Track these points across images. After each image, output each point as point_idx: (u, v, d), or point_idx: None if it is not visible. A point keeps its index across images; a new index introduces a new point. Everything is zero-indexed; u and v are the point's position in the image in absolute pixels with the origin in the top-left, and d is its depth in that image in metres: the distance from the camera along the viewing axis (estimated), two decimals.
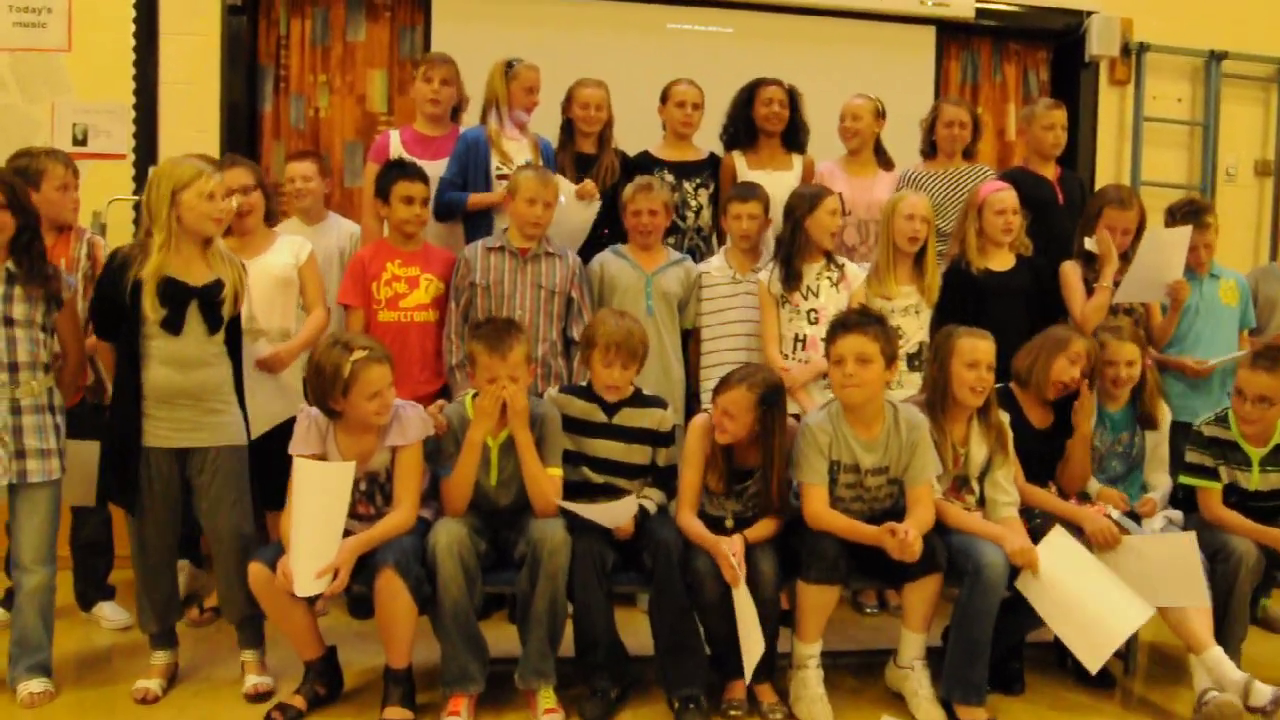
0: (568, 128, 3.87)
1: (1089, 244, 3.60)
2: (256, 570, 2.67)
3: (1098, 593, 2.77)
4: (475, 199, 3.64)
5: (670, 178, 3.81)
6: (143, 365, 2.75)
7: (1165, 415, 3.30)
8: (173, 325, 2.73)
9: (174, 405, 2.77)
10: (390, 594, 2.64)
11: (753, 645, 2.68)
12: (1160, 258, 3.51)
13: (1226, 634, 2.88)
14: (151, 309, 2.70)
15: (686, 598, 2.75)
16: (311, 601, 2.75)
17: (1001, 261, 3.59)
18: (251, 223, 3.35)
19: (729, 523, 2.90)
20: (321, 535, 2.63)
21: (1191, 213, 3.76)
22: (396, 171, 3.44)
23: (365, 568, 2.68)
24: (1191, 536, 2.86)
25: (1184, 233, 3.58)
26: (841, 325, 2.84)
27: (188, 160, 2.83)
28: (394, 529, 2.75)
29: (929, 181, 3.96)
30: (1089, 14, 5.01)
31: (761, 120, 3.87)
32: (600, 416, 2.96)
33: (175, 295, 2.73)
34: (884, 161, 4.04)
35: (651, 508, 2.93)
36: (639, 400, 3.00)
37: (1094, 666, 2.77)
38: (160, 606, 2.90)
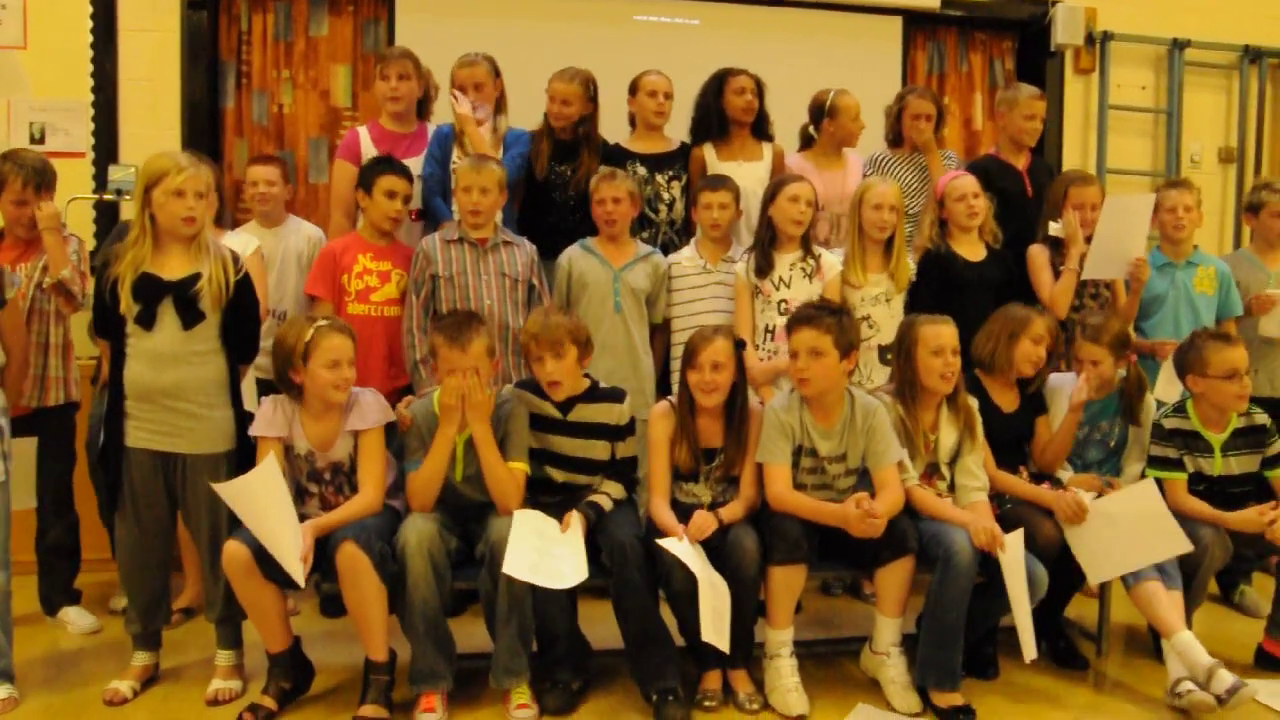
0: (547, 119, 3.83)
1: (1054, 228, 3.60)
2: (233, 549, 2.61)
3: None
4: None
5: (642, 170, 3.78)
6: (125, 363, 2.73)
7: (1149, 409, 3.28)
8: (145, 320, 2.70)
9: (152, 405, 2.73)
10: (353, 570, 2.60)
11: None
12: (1122, 228, 3.48)
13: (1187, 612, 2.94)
14: (125, 305, 2.68)
15: (648, 593, 2.73)
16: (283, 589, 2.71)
17: (973, 251, 3.58)
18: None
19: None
20: (285, 529, 2.59)
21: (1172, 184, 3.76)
22: (384, 165, 3.43)
23: (331, 560, 2.64)
24: (1150, 483, 2.91)
25: (1146, 200, 3.55)
26: (795, 319, 2.90)
27: (165, 155, 2.78)
28: (357, 512, 2.73)
29: (895, 165, 3.97)
30: (1054, 3, 5.03)
31: (734, 111, 3.84)
32: (556, 414, 2.92)
33: (149, 290, 2.70)
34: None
35: (607, 504, 2.88)
36: (594, 395, 2.94)
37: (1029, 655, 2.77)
38: (141, 608, 2.85)
